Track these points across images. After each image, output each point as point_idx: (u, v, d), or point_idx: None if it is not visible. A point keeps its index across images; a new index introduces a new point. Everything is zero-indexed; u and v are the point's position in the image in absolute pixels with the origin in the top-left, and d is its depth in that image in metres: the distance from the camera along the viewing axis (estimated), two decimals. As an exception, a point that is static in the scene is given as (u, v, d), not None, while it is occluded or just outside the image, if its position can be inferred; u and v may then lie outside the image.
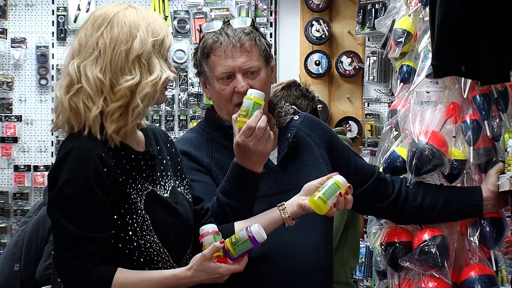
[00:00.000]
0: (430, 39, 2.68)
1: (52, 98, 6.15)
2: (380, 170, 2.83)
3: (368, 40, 6.05)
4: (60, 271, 2.19)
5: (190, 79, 6.25)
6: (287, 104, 2.75)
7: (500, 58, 2.53)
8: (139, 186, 2.25)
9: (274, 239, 2.47)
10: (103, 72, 2.21)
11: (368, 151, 5.77)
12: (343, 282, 3.81)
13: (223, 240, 2.25)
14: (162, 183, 2.33)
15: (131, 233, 2.21)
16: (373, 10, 5.87)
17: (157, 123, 6.25)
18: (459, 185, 2.76)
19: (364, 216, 4.21)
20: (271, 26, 6.30)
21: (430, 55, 2.66)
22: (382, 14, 4.94)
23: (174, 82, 6.26)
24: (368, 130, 6.02)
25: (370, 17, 5.86)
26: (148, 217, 2.23)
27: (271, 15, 6.29)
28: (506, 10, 2.51)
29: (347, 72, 6.14)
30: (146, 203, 2.25)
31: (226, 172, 2.54)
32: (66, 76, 2.25)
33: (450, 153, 2.68)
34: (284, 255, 2.48)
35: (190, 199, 2.41)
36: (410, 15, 2.95)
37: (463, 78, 2.69)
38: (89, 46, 2.24)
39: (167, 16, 6.24)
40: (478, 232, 2.69)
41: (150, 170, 2.31)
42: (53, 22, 6.29)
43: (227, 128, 2.60)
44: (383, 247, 2.78)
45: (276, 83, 3.80)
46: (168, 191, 2.34)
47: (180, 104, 6.25)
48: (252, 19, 2.67)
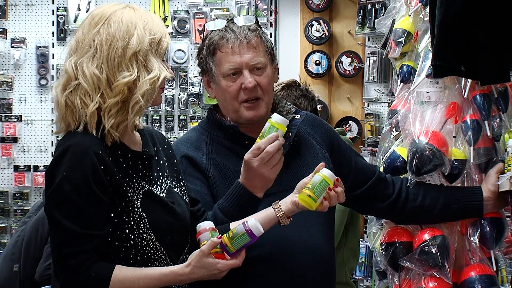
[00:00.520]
0: (430, 39, 2.68)
1: (52, 98, 6.15)
2: (381, 170, 2.83)
3: (368, 40, 6.05)
4: (59, 268, 2.19)
5: (190, 79, 6.25)
6: (289, 103, 2.75)
7: (500, 58, 2.53)
8: (136, 184, 2.26)
9: (276, 239, 2.47)
10: (99, 68, 2.22)
11: (368, 151, 5.77)
12: (343, 283, 3.81)
13: (220, 235, 2.25)
14: (158, 183, 2.33)
15: (127, 231, 2.22)
16: (373, 10, 5.87)
17: (157, 123, 6.25)
18: (459, 185, 2.76)
19: (364, 216, 4.22)
20: (271, 26, 6.30)
21: (430, 55, 2.66)
22: (382, 14, 4.95)
23: (174, 82, 6.26)
24: (368, 130, 6.02)
25: (370, 17, 5.86)
26: (145, 215, 2.24)
27: (271, 15, 6.29)
28: (506, 10, 2.51)
29: (347, 72, 6.14)
30: (143, 202, 2.25)
31: (224, 174, 2.54)
32: (64, 74, 2.27)
33: (450, 153, 2.68)
34: (286, 255, 2.48)
35: (187, 200, 2.42)
36: (410, 15, 2.95)
37: (463, 78, 2.69)
38: (85, 43, 2.25)
39: (167, 16, 6.24)
40: (478, 232, 2.69)
41: (147, 170, 2.31)
42: (53, 22, 6.29)
43: (228, 128, 2.60)
44: (383, 247, 2.78)
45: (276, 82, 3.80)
46: (165, 191, 2.34)
47: (180, 104, 6.25)
48: (256, 17, 2.67)
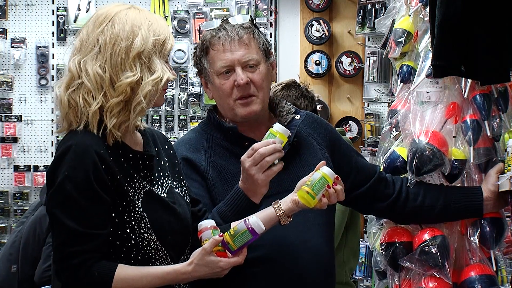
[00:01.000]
0: (430, 39, 2.68)
1: (52, 98, 6.15)
2: (381, 169, 2.83)
3: (368, 40, 6.05)
4: (61, 268, 2.19)
5: (190, 79, 6.25)
6: (289, 103, 2.75)
7: (500, 58, 2.53)
8: (137, 184, 2.26)
9: (275, 240, 2.47)
10: (102, 68, 2.23)
11: (368, 151, 5.77)
12: (343, 283, 3.82)
13: (222, 234, 2.25)
14: (159, 183, 2.34)
15: (128, 230, 2.22)
16: (373, 10, 5.87)
17: (157, 123, 6.25)
18: (459, 185, 2.76)
19: (364, 216, 4.22)
20: (271, 26, 6.30)
21: (430, 55, 2.66)
22: (382, 14, 4.94)
23: (174, 82, 6.26)
24: (368, 130, 6.02)
25: (370, 17, 5.86)
26: (146, 215, 2.24)
27: (271, 15, 6.29)
28: (506, 10, 2.51)
29: (347, 72, 6.14)
30: (144, 201, 2.25)
31: (223, 176, 2.54)
32: (67, 73, 2.28)
33: (450, 153, 2.68)
34: (285, 256, 2.48)
35: (187, 200, 2.42)
36: (410, 15, 2.95)
37: (463, 78, 2.69)
38: (89, 42, 2.26)
39: (167, 16, 6.24)
40: (478, 232, 2.69)
41: (148, 170, 2.32)
42: (53, 22, 6.29)
43: (227, 129, 2.60)
44: (383, 247, 2.78)
45: (276, 83, 3.80)
46: (166, 191, 2.34)
47: (180, 104, 6.25)
48: (251, 16, 2.67)
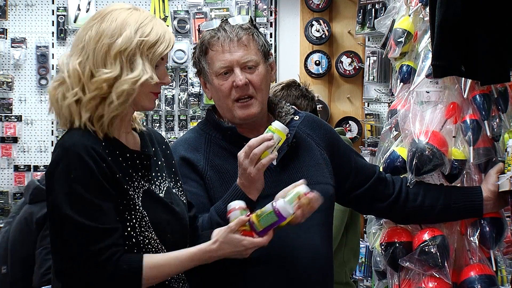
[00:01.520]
0: (430, 39, 2.68)
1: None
2: (381, 170, 2.83)
3: (368, 40, 6.05)
4: (88, 269, 2.18)
5: (190, 79, 6.25)
6: (288, 104, 2.75)
7: (500, 58, 2.53)
8: (136, 183, 2.26)
9: (274, 240, 2.46)
10: (83, 63, 2.24)
11: (368, 151, 5.77)
12: (343, 283, 3.82)
13: (249, 214, 2.26)
14: (157, 183, 2.34)
15: (129, 229, 2.22)
16: (373, 10, 5.87)
17: (157, 123, 6.25)
18: (459, 185, 2.76)
19: (364, 216, 4.22)
20: (271, 26, 6.30)
21: (430, 55, 2.66)
22: (382, 14, 4.94)
23: (174, 82, 6.26)
24: (368, 130, 6.02)
25: (370, 17, 5.87)
26: (146, 213, 2.25)
27: (271, 15, 6.29)
28: (506, 10, 2.51)
29: (347, 72, 6.14)
30: (143, 200, 2.26)
31: (222, 176, 2.54)
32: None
33: (450, 153, 2.68)
34: (283, 256, 2.47)
35: (184, 201, 2.42)
36: (410, 15, 2.95)
37: (463, 78, 2.69)
38: (79, 39, 2.29)
39: (167, 16, 6.24)
40: (478, 232, 2.69)
41: (146, 170, 2.32)
42: (53, 22, 6.29)
43: (226, 129, 2.60)
44: (383, 247, 2.78)
45: (276, 83, 3.80)
46: (163, 192, 2.34)
47: (180, 104, 6.25)
48: (251, 17, 2.67)
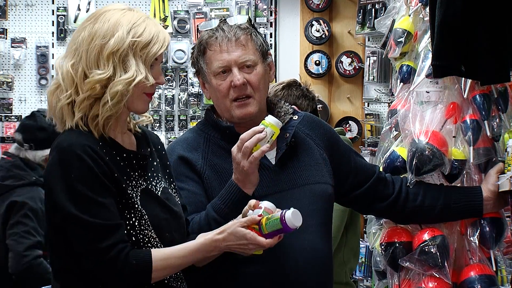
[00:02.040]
0: (430, 39, 2.68)
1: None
2: (380, 169, 2.83)
3: (368, 40, 6.05)
4: (98, 266, 2.18)
5: (190, 79, 6.25)
6: (287, 104, 2.75)
7: (500, 58, 2.53)
8: (134, 182, 2.27)
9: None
10: (76, 64, 2.25)
11: (368, 151, 5.77)
12: (343, 283, 3.82)
13: (261, 214, 2.26)
14: (153, 183, 2.34)
15: (129, 227, 2.23)
16: (373, 10, 5.87)
17: (157, 123, 6.25)
18: (459, 185, 2.76)
19: (364, 216, 4.22)
20: (271, 26, 6.30)
21: (430, 55, 2.66)
22: (382, 14, 4.94)
23: (174, 82, 6.26)
24: (368, 130, 6.02)
25: (370, 17, 5.87)
26: (145, 212, 2.25)
27: (271, 15, 6.30)
28: (506, 10, 2.51)
29: (347, 72, 6.14)
30: (142, 199, 2.26)
31: (220, 175, 2.54)
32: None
33: (450, 153, 2.68)
34: (282, 256, 2.47)
35: (179, 202, 2.42)
36: (410, 15, 2.95)
37: (463, 78, 2.69)
38: (73, 41, 2.29)
39: (167, 16, 6.24)
40: (478, 232, 2.69)
41: (142, 170, 2.33)
42: (53, 22, 6.30)
43: (224, 129, 2.60)
44: (383, 247, 2.78)
45: (276, 83, 3.81)
46: (160, 191, 2.35)
47: (180, 104, 6.25)
48: (249, 17, 2.67)
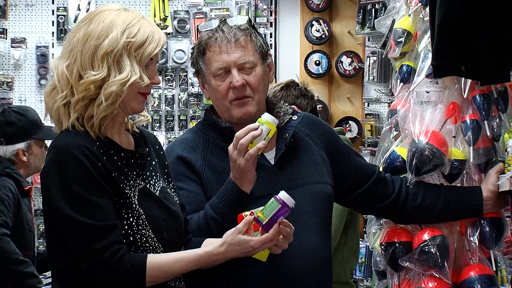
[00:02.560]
0: (430, 39, 2.68)
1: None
2: (380, 169, 2.83)
3: (368, 40, 6.05)
4: (92, 267, 2.19)
5: (190, 79, 6.25)
6: (286, 104, 2.75)
7: (500, 58, 2.53)
8: (131, 182, 2.27)
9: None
10: (71, 65, 2.25)
11: (368, 151, 5.77)
12: (342, 282, 3.82)
13: (252, 211, 2.26)
14: (152, 182, 2.34)
15: (126, 227, 2.22)
16: (373, 10, 5.87)
17: (157, 123, 6.25)
18: (459, 185, 2.76)
19: (364, 216, 4.22)
20: (271, 26, 6.30)
21: (430, 55, 2.66)
22: (382, 14, 4.94)
23: (174, 82, 6.26)
24: (368, 130, 6.02)
25: (370, 17, 5.87)
26: (143, 211, 2.25)
27: (271, 15, 6.29)
28: (506, 10, 2.51)
29: (347, 72, 6.14)
30: (140, 199, 2.26)
31: (219, 175, 2.54)
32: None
33: (450, 153, 2.68)
34: (281, 256, 2.46)
35: (178, 201, 2.42)
36: (410, 15, 2.95)
37: (463, 78, 2.69)
38: (68, 42, 2.29)
39: (167, 16, 6.24)
40: (478, 232, 2.69)
41: (141, 169, 2.32)
42: (53, 22, 6.29)
43: (223, 129, 2.60)
44: (383, 247, 2.78)
45: (275, 83, 3.81)
46: (158, 191, 2.35)
47: (180, 104, 6.25)
48: (249, 18, 2.67)
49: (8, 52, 6.24)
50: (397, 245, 2.75)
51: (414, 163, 2.67)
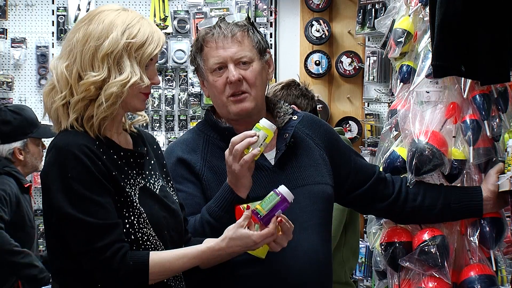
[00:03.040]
0: (430, 39, 2.68)
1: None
2: (380, 169, 2.83)
3: (368, 40, 6.05)
4: (95, 266, 2.18)
5: (190, 79, 6.25)
6: (286, 104, 2.74)
7: (500, 58, 2.53)
8: (132, 181, 2.27)
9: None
10: (70, 66, 2.25)
11: (368, 151, 5.77)
12: (342, 282, 3.81)
13: (249, 205, 2.27)
14: (151, 181, 2.34)
15: (128, 226, 2.22)
16: (373, 10, 5.87)
17: (157, 123, 6.25)
18: (459, 185, 2.76)
19: (364, 216, 4.22)
20: (271, 26, 6.30)
21: (430, 55, 2.66)
22: (382, 14, 4.94)
23: (174, 82, 6.26)
24: (368, 130, 6.02)
25: (370, 17, 5.86)
26: (144, 210, 2.25)
27: (271, 15, 6.29)
28: (506, 10, 2.51)
29: (347, 72, 6.14)
30: (140, 197, 2.26)
31: (219, 176, 2.54)
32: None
33: (450, 153, 2.68)
34: (280, 256, 2.46)
35: (177, 200, 2.42)
36: (410, 15, 2.95)
37: (463, 78, 2.69)
38: (67, 42, 2.29)
39: (167, 16, 6.24)
40: (478, 232, 2.69)
41: (140, 168, 2.33)
42: (53, 22, 6.29)
43: (223, 130, 2.59)
44: (383, 247, 2.78)
45: (275, 83, 3.82)
46: (158, 190, 2.35)
47: (180, 104, 6.25)
48: (248, 15, 2.67)
49: (8, 52, 6.23)
50: (397, 245, 2.75)
51: (414, 163, 2.67)
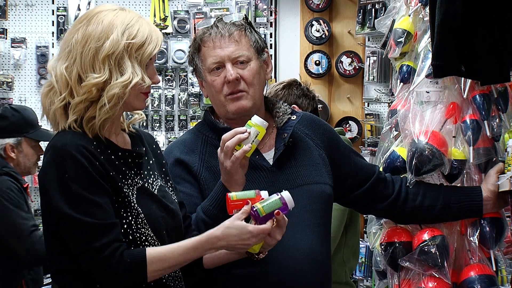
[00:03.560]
0: (430, 39, 2.68)
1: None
2: (380, 169, 2.83)
3: (368, 40, 6.05)
4: (93, 265, 2.18)
5: (190, 79, 6.25)
6: (285, 104, 2.74)
7: (500, 58, 2.53)
8: (130, 181, 2.27)
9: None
10: (70, 67, 2.24)
11: (368, 151, 5.77)
12: (343, 282, 3.81)
13: (248, 201, 2.26)
14: (150, 181, 2.34)
15: (126, 226, 2.22)
16: (373, 10, 5.87)
17: (157, 123, 6.25)
18: (459, 185, 2.76)
19: (364, 216, 4.22)
20: (271, 26, 6.30)
21: (430, 55, 2.66)
22: (382, 14, 4.95)
23: (174, 82, 6.26)
24: (368, 130, 6.02)
25: (370, 17, 5.86)
26: (141, 210, 2.25)
27: (271, 15, 6.29)
28: (506, 10, 2.51)
29: (347, 72, 6.14)
30: (138, 198, 2.26)
31: (217, 176, 2.53)
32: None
33: (450, 153, 2.68)
34: (279, 255, 2.47)
35: (176, 200, 2.42)
36: (410, 15, 2.95)
37: (463, 78, 2.69)
38: (65, 43, 2.28)
39: (167, 16, 6.24)
40: (478, 232, 2.69)
41: (138, 168, 2.33)
42: (53, 22, 6.29)
43: (221, 130, 2.59)
44: (383, 247, 2.78)
45: (276, 82, 3.82)
46: (156, 189, 2.35)
47: (180, 104, 6.25)
48: (245, 15, 2.67)
49: (8, 52, 6.24)
50: (397, 245, 2.75)
51: (414, 163, 2.67)
